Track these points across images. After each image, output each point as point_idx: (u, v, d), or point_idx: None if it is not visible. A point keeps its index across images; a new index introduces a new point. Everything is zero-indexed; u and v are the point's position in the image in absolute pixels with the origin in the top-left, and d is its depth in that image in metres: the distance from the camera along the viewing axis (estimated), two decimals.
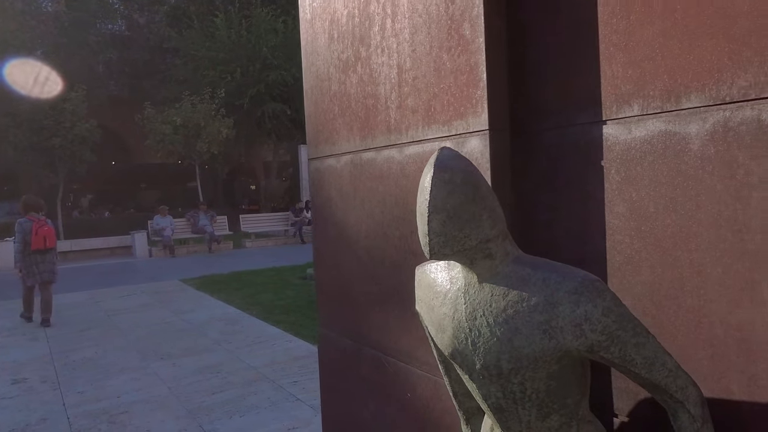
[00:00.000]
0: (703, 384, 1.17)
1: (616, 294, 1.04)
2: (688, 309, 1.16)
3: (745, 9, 1.02)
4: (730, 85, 1.05)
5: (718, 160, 1.08)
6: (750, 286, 1.05)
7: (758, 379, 1.05)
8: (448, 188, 1.03)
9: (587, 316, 1.02)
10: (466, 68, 1.43)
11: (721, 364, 1.11)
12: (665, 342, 1.21)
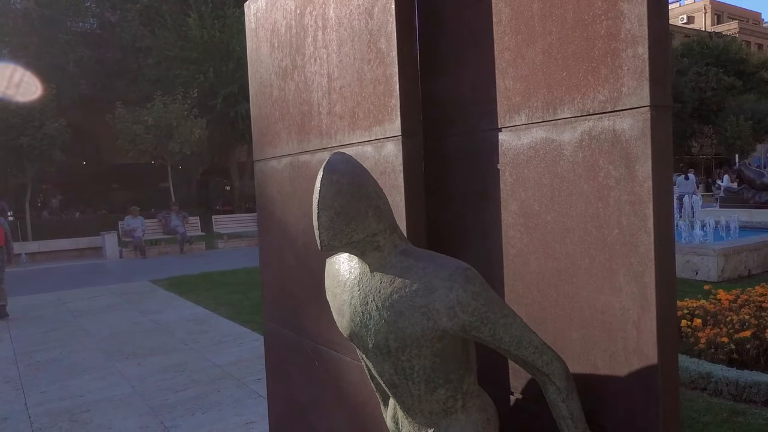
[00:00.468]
0: (575, 360, 1.32)
1: (485, 281, 1.18)
2: (564, 295, 1.30)
3: (602, 33, 1.16)
4: (592, 99, 1.20)
5: (584, 164, 1.23)
6: (610, 275, 1.19)
7: (617, 355, 1.19)
8: (335, 188, 1.17)
9: (459, 300, 1.16)
10: (383, 79, 1.56)
11: (588, 342, 1.26)
12: (548, 324, 1.36)
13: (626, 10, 1.08)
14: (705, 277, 9.13)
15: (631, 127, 1.10)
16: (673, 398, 1.10)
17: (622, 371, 1.18)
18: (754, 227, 12.68)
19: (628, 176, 1.12)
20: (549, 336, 1.34)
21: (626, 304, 1.15)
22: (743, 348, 4.95)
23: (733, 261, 9.33)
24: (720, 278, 8.98)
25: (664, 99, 1.10)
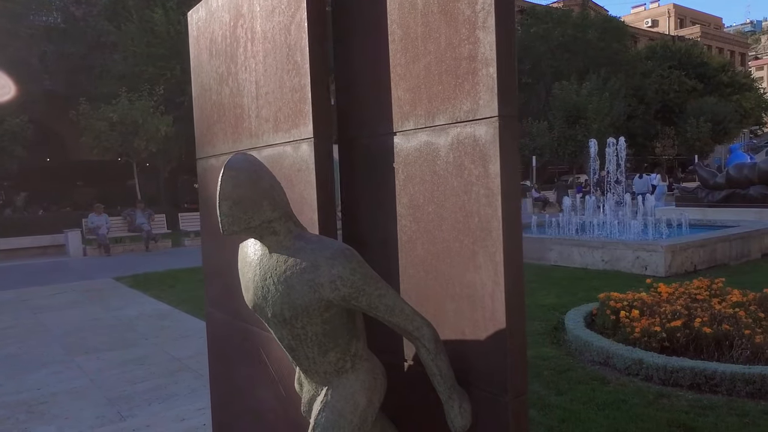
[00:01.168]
0: (449, 328, 1.55)
1: (362, 259, 1.41)
2: (442, 274, 1.53)
3: (465, 55, 1.39)
4: (459, 109, 1.43)
5: (454, 163, 1.46)
6: (473, 256, 1.43)
7: (478, 322, 1.43)
8: (233, 182, 1.40)
9: (339, 274, 1.39)
10: (299, 87, 1.77)
11: (458, 313, 1.49)
12: (430, 299, 1.59)
13: (481, 36, 1.31)
14: (653, 272, 9.54)
15: (486, 133, 1.33)
16: (520, 355, 1.34)
17: (482, 335, 1.41)
18: (705, 225, 13.22)
19: (484, 174, 1.36)
20: (431, 308, 1.58)
21: (484, 280, 1.39)
22: (674, 336, 5.28)
23: (680, 257, 9.77)
24: (667, 273, 9.40)
25: (510, 110, 1.33)
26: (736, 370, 4.51)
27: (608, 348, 5.25)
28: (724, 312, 5.45)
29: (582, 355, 5.52)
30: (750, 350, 4.90)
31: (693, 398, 4.38)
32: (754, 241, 11.14)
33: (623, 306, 5.87)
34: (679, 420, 3.99)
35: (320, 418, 1.51)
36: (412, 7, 1.49)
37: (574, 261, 10.77)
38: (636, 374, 4.92)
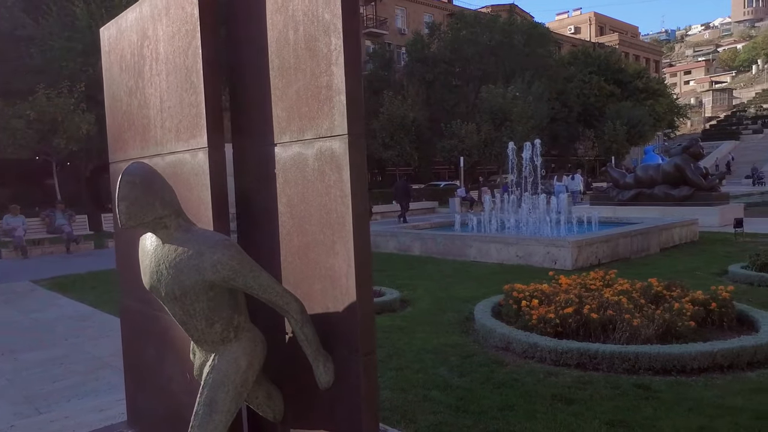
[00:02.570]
0: (317, 304, 1.91)
1: (239, 246, 1.75)
2: (311, 260, 1.88)
3: (324, 84, 1.74)
4: (321, 127, 1.77)
5: (318, 171, 1.80)
6: (333, 245, 1.78)
7: (337, 298, 1.78)
8: (129, 185, 1.71)
9: (219, 260, 1.72)
10: (196, 104, 2.07)
11: (324, 291, 1.84)
12: (304, 281, 1.94)
13: (335, 70, 1.66)
14: (562, 266, 10.28)
15: (339, 147, 1.69)
16: (369, 321, 1.70)
17: (340, 307, 1.76)
18: (613, 222, 14.22)
19: (339, 179, 1.71)
20: (304, 288, 1.92)
21: (341, 263, 1.74)
22: (566, 322, 5.86)
23: (586, 251, 10.58)
24: (574, 266, 10.16)
25: (358, 129, 1.69)
26: (615, 350, 5.11)
27: (509, 334, 5.77)
28: (610, 300, 6.07)
29: (487, 341, 6.01)
30: (629, 332, 5.52)
31: (577, 375, 4.93)
32: (653, 237, 12.15)
33: (525, 296, 6.42)
34: (562, 394, 4.52)
35: (208, 378, 1.83)
36: (286, 43, 1.82)
37: (491, 257, 11.43)
38: (532, 357, 5.45)
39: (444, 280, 9.53)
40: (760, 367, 4.95)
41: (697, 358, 4.93)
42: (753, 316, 5.97)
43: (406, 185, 21.66)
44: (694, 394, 4.40)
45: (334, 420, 1.80)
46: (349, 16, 1.60)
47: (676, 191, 17.21)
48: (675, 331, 5.59)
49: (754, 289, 7.97)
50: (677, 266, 10.13)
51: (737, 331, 5.82)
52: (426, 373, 5.08)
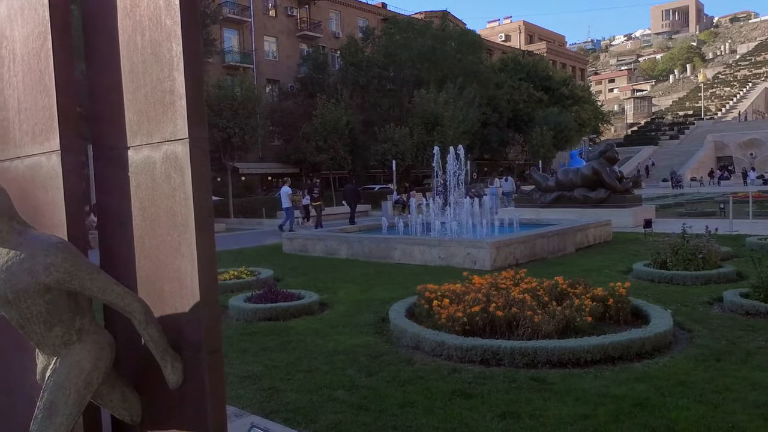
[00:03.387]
0: (167, 305, 1.96)
1: (75, 249, 1.76)
2: (161, 261, 1.92)
3: (168, 89, 1.78)
4: (166, 131, 1.81)
5: (165, 173, 1.84)
6: (179, 246, 1.81)
7: (183, 298, 1.82)
8: None
9: (52, 262, 1.73)
10: (48, 106, 2.06)
11: (172, 292, 1.88)
12: (155, 282, 1.97)
13: (176, 76, 1.70)
14: (481, 266, 10.58)
15: (182, 150, 1.73)
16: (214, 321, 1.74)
17: (186, 308, 1.80)
18: (535, 223, 14.74)
19: (182, 182, 1.75)
20: (156, 290, 1.95)
21: (186, 265, 1.78)
22: (474, 320, 6.05)
23: (504, 252, 10.94)
24: (493, 267, 10.46)
25: (199, 133, 1.74)
26: (516, 346, 5.33)
27: (419, 333, 5.91)
28: (516, 298, 6.31)
29: (399, 341, 6.13)
30: (531, 328, 5.77)
31: (480, 371, 5.11)
32: (569, 238, 12.70)
33: (436, 296, 6.58)
34: (462, 389, 4.68)
35: (49, 382, 1.82)
36: (135, 47, 1.84)
37: (415, 258, 11.63)
38: (440, 355, 5.60)
39: (366, 282, 9.63)
40: (647, 357, 5.29)
41: (591, 351, 5.21)
42: (646, 311, 6.36)
43: (356, 188, 22.01)
44: (583, 384, 4.66)
45: (185, 419, 1.83)
46: (189, 23, 1.65)
47: (594, 194, 18.05)
48: (574, 327, 5.88)
49: (654, 285, 8.47)
50: (589, 265, 10.63)
51: (632, 324, 6.18)
52: (334, 374, 5.14)
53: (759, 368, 4.80)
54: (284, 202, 20.28)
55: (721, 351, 5.31)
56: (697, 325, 6.20)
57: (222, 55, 41.22)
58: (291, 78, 45.41)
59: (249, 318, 7.25)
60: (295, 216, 20.90)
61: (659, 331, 5.57)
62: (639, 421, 3.93)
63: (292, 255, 13.60)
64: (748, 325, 6.13)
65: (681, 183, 44.80)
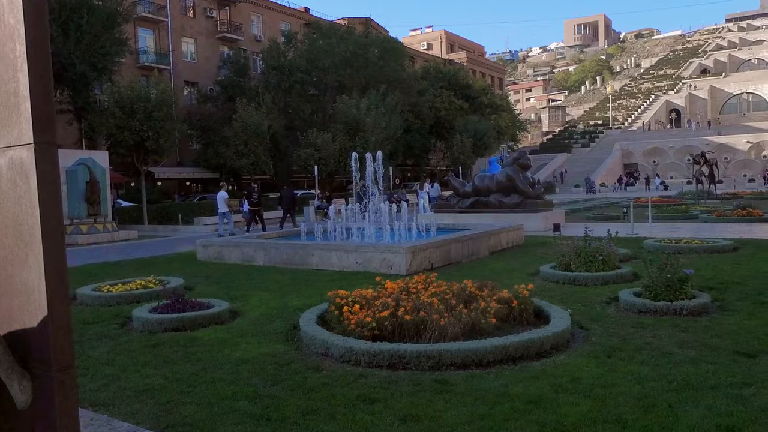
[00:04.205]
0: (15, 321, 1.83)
1: None
2: (9, 275, 1.80)
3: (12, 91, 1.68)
4: (12, 135, 1.71)
5: (10, 180, 1.74)
6: (26, 257, 1.72)
7: (33, 314, 1.72)
8: None
9: None
10: None
11: (21, 307, 1.77)
12: (4, 300, 1.84)
13: (20, 77, 1.60)
14: (398, 271, 10.69)
15: (27, 156, 1.63)
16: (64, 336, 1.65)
17: (35, 323, 1.70)
18: (452, 228, 15.04)
19: (28, 189, 1.65)
20: (5, 305, 1.83)
21: (34, 277, 1.68)
22: (383, 325, 6.09)
23: (419, 257, 11.10)
24: (408, 271, 10.58)
25: (46, 138, 1.65)
26: (422, 349, 5.41)
27: (328, 340, 5.87)
28: (424, 301, 6.41)
29: (309, 348, 6.07)
30: (438, 332, 5.87)
31: (386, 375, 5.14)
32: (482, 242, 13.07)
33: (347, 302, 6.57)
34: (367, 394, 4.69)
35: None
36: None
37: (333, 264, 11.60)
38: (348, 360, 5.59)
39: (281, 289, 9.49)
40: (547, 356, 5.50)
41: (493, 352, 5.37)
42: (548, 311, 6.63)
43: (292, 193, 21.99)
44: (484, 385, 4.79)
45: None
46: (35, 23, 1.56)
47: (508, 199, 18.70)
48: (479, 329, 6.04)
49: (558, 287, 8.86)
50: (500, 268, 10.99)
51: (535, 324, 6.42)
52: (238, 385, 5.02)
53: (644, 363, 5.11)
54: (221, 206, 20.20)
55: (613, 347, 5.61)
56: (593, 324, 6.52)
57: (136, 56, 39.59)
58: (211, 81, 44.27)
59: (153, 329, 6.96)
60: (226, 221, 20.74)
61: (557, 330, 5.82)
62: (532, 418, 4.08)
63: (207, 263, 13.22)
64: (639, 322, 6.51)
65: (594, 189, 47.29)
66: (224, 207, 20.18)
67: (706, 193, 31.60)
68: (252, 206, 20.93)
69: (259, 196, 21.37)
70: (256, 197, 20.99)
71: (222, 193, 20.58)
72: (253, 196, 21.04)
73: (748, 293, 7.71)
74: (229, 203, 20.95)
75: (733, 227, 16.33)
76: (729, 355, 5.23)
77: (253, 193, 21.26)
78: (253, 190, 21.59)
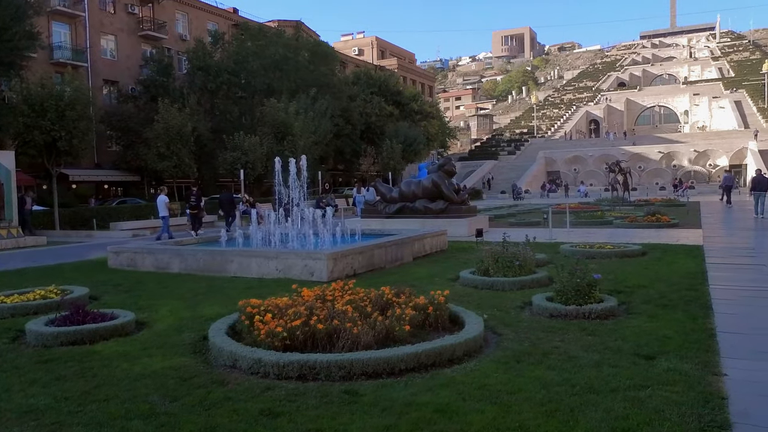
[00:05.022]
0: None
1: None
2: None
3: None
4: None
5: None
6: None
7: None
8: None
9: None
10: None
11: None
12: None
13: None
14: (319, 278, 10.48)
15: None
16: None
17: None
18: (377, 234, 14.95)
19: None
20: None
21: None
22: (294, 335, 5.90)
23: (341, 263, 10.94)
24: (330, 278, 10.37)
25: None
26: (332, 359, 5.26)
27: (236, 351, 5.62)
28: (338, 309, 6.27)
29: (217, 361, 5.79)
30: (351, 340, 5.74)
31: (294, 387, 4.96)
32: (406, 247, 13.07)
33: (259, 311, 6.33)
34: (271, 408, 4.49)
35: None
36: None
37: (252, 272, 11.25)
38: (257, 372, 5.36)
39: (195, 298, 9.10)
40: (458, 362, 5.49)
41: (405, 360, 5.29)
42: (463, 317, 6.64)
43: (231, 197, 22.29)
44: (393, 394, 4.70)
45: None
46: None
47: (434, 205, 18.89)
48: (394, 336, 5.96)
49: (476, 292, 8.94)
50: (422, 273, 11.01)
51: (450, 330, 6.40)
52: (134, 402, 4.70)
53: (550, 368, 5.19)
54: (161, 210, 20.23)
55: (523, 352, 5.68)
56: (507, 329, 6.60)
57: (50, 51, 37.38)
58: (132, 80, 42.47)
59: (48, 343, 6.47)
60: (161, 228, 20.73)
61: (470, 336, 5.83)
62: (437, 428, 4.02)
63: (119, 270, 12.55)
64: (550, 326, 6.64)
65: (522, 195, 48.69)
66: (165, 211, 20.17)
67: (620, 200, 33.22)
68: (191, 209, 21.21)
69: (198, 199, 21.42)
70: (194, 200, 21.16)
71: (162, 197, 20.54)
72: (191, 200, 21.28)
73: (651, 296, 8.05)
74: (170, 207, 21.07)
75: (644, 232, 17.18)
76: (630, 358, 5.39)
77: (191, 196, 21.51)
78: (191, 193, 21.80)
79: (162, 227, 20.46)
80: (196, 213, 21.07)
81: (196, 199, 21.12)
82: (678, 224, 19.00)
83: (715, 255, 12.05)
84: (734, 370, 4.96)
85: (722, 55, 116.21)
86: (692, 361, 5.19)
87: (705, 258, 11.61)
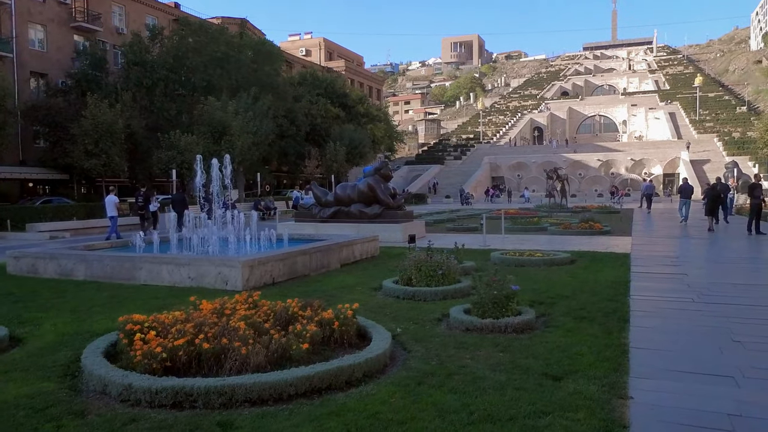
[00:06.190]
0: None
1: None
2: None
3: None
4: None
5: None
6: None
7: None
8: None
9: None
10: None
11: None
12: None
13: None
14: (233, 286, 9.80)
15: None
16: None
17: None
18: (308, 239, 14.34)
19: None
20: None
21: None
22: (177, 355, 5.27)
23: (259, 271, 10.28)
24: (245, 287, 9.69)
25: None
26: (211, 384, 4.67)
27: (105, 375, 4.96)
28: (231, 326, 5.67)
29: (87, 386, 5.12)
30: (240, 361, 5.16)
31: (163, 418, 4.36)
32: (333, 254, 12.51)
33: (141, 328, 5.68)
34: None
35: None
36: None
37: (163, 279, 10.48)
38: (127, 400, 4.72)
39: (89, 310, 8.29)
40: (356, 385, 5.00)
41: (294, 384, 4.77)
42: (371, 333, 6.15)
43: (184, 197, 22.26)
44: (273, 426, 4.18)
45: None
46: None
47: (369, 209, 18.44)
48: (290, 356, 5.42)
49: (397, 302, 8.49)
50: (347, 281, 10.50)
51: (357, 347, 5.91)
52: None
53: (452, 391, 4.78)
54: (109, 210, 20.32)
55: (427, 373, 5.25)
56: (417, 345, 6.17)
57: None
58: (63, 73, 40.28)
59: None
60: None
61: (371, 356, 5.35)
62: None
63: (18, 277, 11.51)
64: (462, 342, 6.26)
65: (469, 200, 48.76)
66: (113, 211, 20.28)
67: (558, 206, 33.71)
68: (139, 209, 21.57)
69: (146, 199, 21.64)
70: (141, 201, 21.51)
71: (111, 197, 20.66)
72: (138, 200, 21.62)
73: (572, 308, 7.81)
74: (119, 207, 21.27)
75: (576, 239, 17.23)
76: (537, 378, 5.05)
77: (138, 196, 21.88)
78: (138, 193, 22.16)
79: (110, 227, 20.40)
80: (143, 214, 21.27)
81: (143, 200, 21.39)
82: (610, 231, 19.21)
83: (640, 264, 12.06)
84: (640, 392, 4.68)
85: (659, 68, 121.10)
86: (600, 382, 4.89)
87: (630, 267, 11.59)
